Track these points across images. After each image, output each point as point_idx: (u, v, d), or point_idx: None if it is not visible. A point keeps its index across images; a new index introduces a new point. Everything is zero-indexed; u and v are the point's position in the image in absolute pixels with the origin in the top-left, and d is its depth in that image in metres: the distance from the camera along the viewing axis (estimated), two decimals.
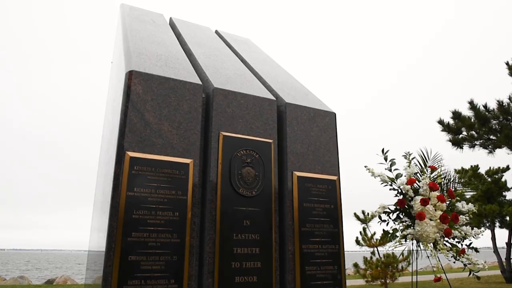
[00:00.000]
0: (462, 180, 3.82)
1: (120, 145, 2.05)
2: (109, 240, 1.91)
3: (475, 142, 13.86)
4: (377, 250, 13.43)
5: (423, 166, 3.67)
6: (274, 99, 2.60)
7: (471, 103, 12.95)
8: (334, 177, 2.59)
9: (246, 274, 2.13)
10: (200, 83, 2.36)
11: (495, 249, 15.67)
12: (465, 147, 14.12)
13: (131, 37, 2.73)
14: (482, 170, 16.30)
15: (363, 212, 14.50)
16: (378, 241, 13.33)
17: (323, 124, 2.72)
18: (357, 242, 13.72)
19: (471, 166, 16.42)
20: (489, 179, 15.52)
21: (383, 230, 3.39)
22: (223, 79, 2.60)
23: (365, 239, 13.64)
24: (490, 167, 16.22)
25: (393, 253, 12.52)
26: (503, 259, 14.95)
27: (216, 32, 4.21)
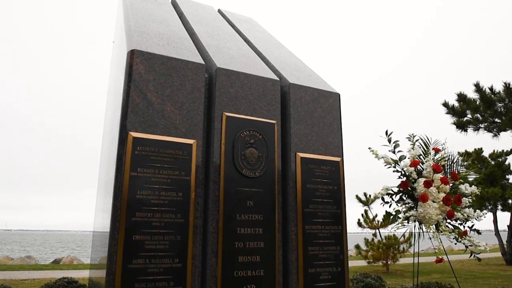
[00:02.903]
0: (465, 163, 3.80)
1: (123, 126, 2.04)
2: (113, 220, 1.92)
3: (480, 125, 13.78)
4: (379, 232, 13.54)
5: (426, 148, 3.65)
6: (278, 79, 2.57)
7: (476, 85, 12.81)
8: (338, 159, 2.58)
9: (249, 254, 2.15)
10: (203, 62, 2.33)
11: (497, 232, 15.78)
12: (470, 130, 14.05)
13: (132, 16, 2.68)
14: (485, 153, 16.26)
15: (365, 194, 14.56)
16: (379, 223, 13.43)
17: (327, 105, 2.70)
18: (359, 224, 13.84)
19: (475, 149, 16.38)
20: (492, 162, 15.49)
21: (386, 211, 3.40)
22: (226, 58, 2.56)
23: (367, 221, 13.74)
24: (494, 150, 16.17)
25: (394, 235, 12.63)
26: (504, 242, 15.06)
27: (219, 11, 4.14)
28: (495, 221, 15.82)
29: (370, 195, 14.50)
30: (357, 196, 14.87)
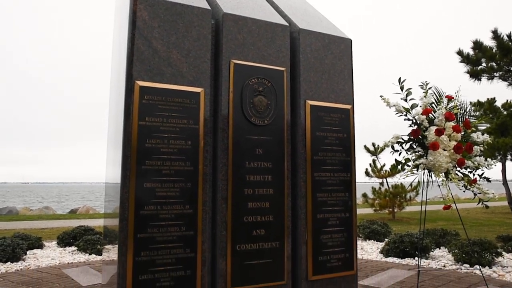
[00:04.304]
0: (477, 113, 3.73)
1: (129, 74, 2.01)
2: (124, 168, 1.94)
3: (494, 73, 13.39)
4: (386, 181, 13.70)
5: (439, 97, 3.57)
6: (287, 25, 2.47)
7: (494, 32, 12.27)
8: (348, 106, 2.54)
9: (258, 200, 2.19)
10: (209, 8, 2.24)
11: (505, 181, 15.85)
12: (483, 79, 13.68)
13: None
14: (498, 103, 15.93)
15: (373, 144, 14.58)
16: (387, 172, 13.55)
17: (338, 51, 2.61)
18: (367, 173, 13.99)
19: (487, 99, 16.03)
20: (505, 112, 15.21)
21: (395, 160, 3.39)
22: (233, 3, 2.45)
23: (375, 171, 13.87)
24: (507, 100, 15.81)
25: (401, 183, 12.78)
26: None
27: None
28: (503, 171, 15.85)
29: (378, 145, 14.53)
30: (365, 146, 14.90)
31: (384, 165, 13.90)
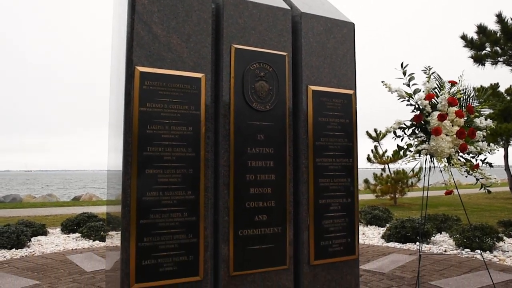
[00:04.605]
0: (481, 100, 3.69)
1: (129, 60, 1.99)
2: (126, 154, 1.94)
3: (499, 58, 13.27)
4: (388, 167, 13.71)
5: (442, 82, 3.53)
6: (289, 8, 2.43)
7: (499, 16, 12.12)
8: (350, 91, 2.52)
9: (260, 185, 2.19)
10: None
11: (507, 167, 15.85)
12: (487, 64, 13.56)
13: None
14: (502, 89, 15.80)
15: (375, 130, 14.55)
16: (389, 158, 13.55)
17: (340, 35, 2.57)
18: (368, 159, 14.00)
19: (491, 84, 15.91)
20: (508, 98, 15.10)
21: (397, 145, 3.38)
22: None
23: (376, 157, 13.88)
24: (510, 85, 15.68)
25: (403, 169, 12.79)
26: None
27: None
28: (505, 156, 15.84)
29: (380, 131, 14.50)
30: (367, 132, 14.88)
31: (386, 151, 13.91)
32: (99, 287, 4.02)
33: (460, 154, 3.36)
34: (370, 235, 7.03)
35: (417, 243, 6.12)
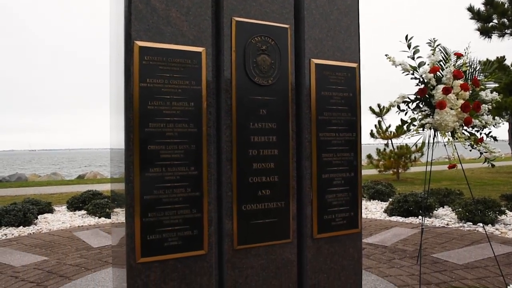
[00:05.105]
0: (486, 73, 3.62)
1: (128, 34, 1.95)
2: (127, 131, 1.93)
3: (506, 30, 12.99)
4: (391, 142, 13.69)
5: (447, 55, 3.46)
6: None
7: None
8: (354, 64, 2.47)
9: (263, 161, 2.18)
10: None
11: (511, 141, 15.79)
12: (494, 36, 13.30)
13: None
14: (508, 62, 15.54)
15: (378, 105, 14.44)
16: (392, 133, 13.51)
17: (344, 6, 2.50)
18: (371, 135, 13.97)
19: (497, 57, 15.64)
20: None
21: (401, 119, 3.35)
22: None
23: (380, 132, 13.83)
24: None
25: (406, 144, 12.78)
26: None
27: None
28: (510, 131, 15.77)
29: (383, 106, 14.38)
30: (370, 107, 14.77)
31: (389, 126, 13.85)
32: (106, 262, 4.11)
33: (464, 128, 3.34)
34: (372, 210, 7.09)
35: (420, 217, 6.17)
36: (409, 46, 3.33)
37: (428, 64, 3.36)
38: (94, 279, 3.53)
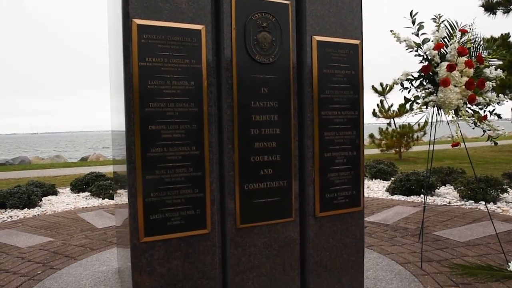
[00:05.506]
0: (490, 51, 3.56)
1: (125, 12, 1.91)
2: (128, 111, 1.91)
3: (510, 6, 12.74)
4: (394, 121, 13.63)
5: (452, 31, 3.39)
6: None
7: None
8: (357, 41, 2.42)
9: (265, 140, 2.17)
10: None
11: None
12: (499, 13, 13.05)
13: None
14: None
15: (381, 84, 14.31)
16: (395, 112, 13.43)
17: None
18: (374, 114, 13.89)
19: (501, 34, 15.37)
20: None
21: (405, 97, 3.31)
22: None
23: (382, 111, 13.75)
24: None
25: (409, 123, 12.72)
26: None
27: None
28: None
29: (386, 85, 14.26)
30: (373, 86, 14.64)
31: (391, 105, 13.76)
32: (111, 242, 4.16)
33: (468, 105, 3.30)
34: (375, 189, 7.11)
35: (421, 195, 6.20)
36: (413, 22, 3.27)
37: (432, 41, 3.30)
38: (99, 259, 3.59)
